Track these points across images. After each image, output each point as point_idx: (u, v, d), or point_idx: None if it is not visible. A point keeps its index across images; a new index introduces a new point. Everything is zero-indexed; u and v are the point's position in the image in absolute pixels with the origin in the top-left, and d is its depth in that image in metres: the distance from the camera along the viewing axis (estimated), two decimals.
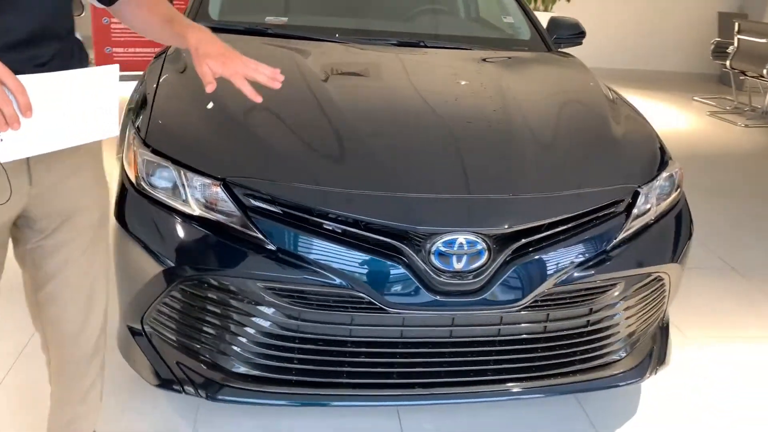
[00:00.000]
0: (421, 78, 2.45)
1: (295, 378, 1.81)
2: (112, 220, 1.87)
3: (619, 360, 2.03)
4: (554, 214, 1.81)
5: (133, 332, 1.92)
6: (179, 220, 1.79)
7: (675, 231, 2.11)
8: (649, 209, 2.03)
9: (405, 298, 1.73)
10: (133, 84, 2.40)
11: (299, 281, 1.71)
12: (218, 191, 1.76)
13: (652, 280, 2.01)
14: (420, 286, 1.72)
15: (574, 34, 3.15)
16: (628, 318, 2.00)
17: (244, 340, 1.79)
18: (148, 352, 1.90)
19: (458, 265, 1.73)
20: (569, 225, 1.84)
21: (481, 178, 1.86)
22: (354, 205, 1.72)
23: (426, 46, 2.77)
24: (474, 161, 1.92)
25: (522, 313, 1.82)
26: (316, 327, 1.77)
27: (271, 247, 1.72)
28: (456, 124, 2.10)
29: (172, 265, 1.76)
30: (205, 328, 1.82)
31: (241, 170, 1.79)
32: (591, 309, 1.91)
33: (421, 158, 1.91)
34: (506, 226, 1.76)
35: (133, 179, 1.88)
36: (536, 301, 1.81)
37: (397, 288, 1.72)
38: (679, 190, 2.19)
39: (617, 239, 1.91)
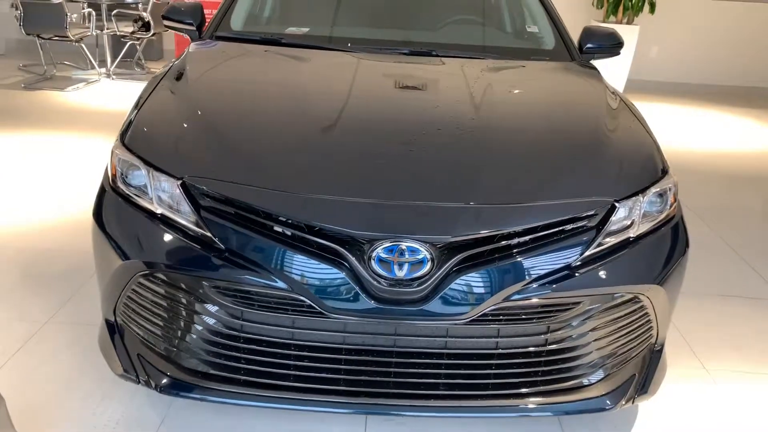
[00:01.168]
0: (405, 85, 2.43)
1: (243, 378, 1.83)
2: (90, 217, 1.99)
3: (589, 384, 1.91)
4: (504, 225, 1.74)
5: (108, 324, 2.02)
6: (143, 217, 1.87)
7: (661, 250, 1.97)
8: (629, 225, 1.90)
9: (344, 303, 1.71)
10: None
11: (242, 281, 1.74)
12: (176, 190, 1.82)
13: (627, 301, 1.88)
14: (360, 292, 1.70)
15: (611, 44, 3.00)
16: (598, 340, 1.88)
17: (193, 336, 1.84)
18: (116, 343, 1.98)
19: (400, 273, 1.70)
20: (524, 238, 1.76)
21: (429, 186, 1.81)
22: (295, 208, 1.73)
23: (436, 56, 2.75)
24: (428, 168, 1.88)
25: (469, 326, 1.75)
26: (259, 328, 1.79)
27: (219, 246, 1.76)
28: (422, 131, 2.06)
29: (130, 259, 1.84)
30: (160, 323, 1.88)
31: (199, 170, 1.85)
32: (548, 327, 1.81)
33: (374, 163, 1.89)
34: (449, 236, 1.70)
35: (110, 178, 1.99)
36: (485, 315, 1.74)
37: (337, 293, 1.71)
38: (672, 207, 2.04)
39: (583, 255, 1.81)
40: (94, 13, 6.84)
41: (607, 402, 1.91)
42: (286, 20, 3.20)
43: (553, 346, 1.83)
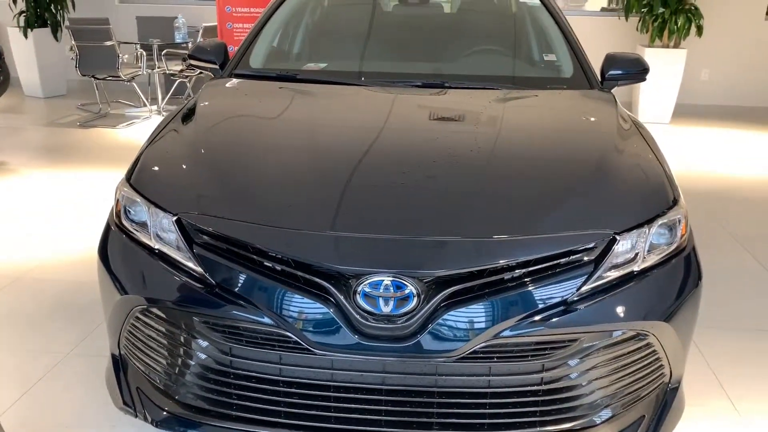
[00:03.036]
0: (404, 118, 2.43)
1: (235, 414, 1.83)
2: (94, 244, 2.06)
3: (592, 426, 1.82)
4: (492, 260, 1.70)
5: (113, 358, 2.06)
6: (142, 253, 1.92)
7: (668, 285, 1.88)
8: (633, 258, 1.83)
9: (330, 339, 1.70)
10: None
11: (230, 317, 1.75)
12: (171, 226, 1.86)
13: (630, 339, 1.79)
14: (345, 328, 1.68)
15: (635, 71, 2.92)
16: (600, 379, 1.80)
17: (187, 371, 1.86)
18: (119, 376, 2.02)
19: (386, 309, 1.67)
20: (515, 272, 1.71)
21: (417, 220, 1.79)
22: (280, 242, 1.74)
23: (447, 87, 2.74)
24: (417, 202, 1.86)
25: (459, 364, 1.71)
26: (248, 364, 1.79)
27: (209, 281, 1.78)
28: (418, 164, 2.04)
29: (128, 294, 1.88)
30: (157, 357, 1.91)
31: (193, 207, 1.88)
32: (543, 366, 1.74)
33: (360, 197, 1.89)
34: (435, 271, 1.67)
35: (114, 214, 2.05)
36: (475, 353, 1.69)
37: (323, 329, 1.70)
38: (683, 238, 1.95)
39: (580, 290, 1.74)
40: (145, 53, 7.14)
41: None
42: (304, 57, 3.26)
43: (551, 386, 1.76)
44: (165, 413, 1.88)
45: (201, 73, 7.36)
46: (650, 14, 7.23)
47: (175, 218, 1.85)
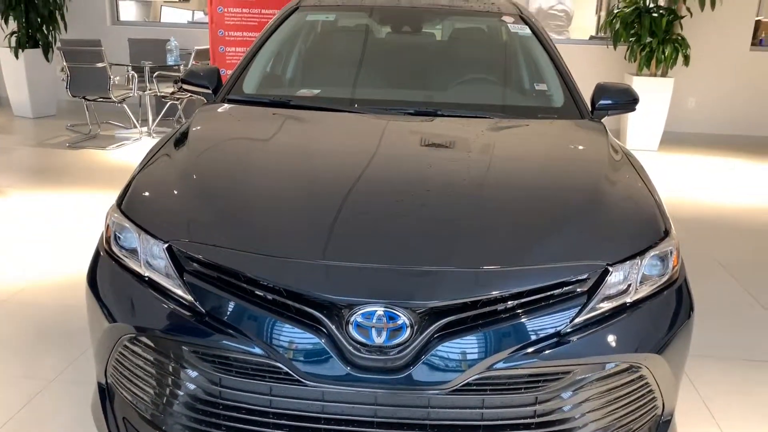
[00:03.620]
0: (397, 146, 2.43)
1: None
2: (82, 278, 2.03)
3: None
4: (486, 291, 1.69)
5: (99, 387, 2.03)
6: (131, 280, 1.90)
7: (660, 317, 1.88)
8: (625, 290, 1.83)
9: (321, 370, 1.68)
10: None
11: (220, 346, 1.73)
12: (162, 253, 1.84)
13: (624, 371, 1.79)
14: (337, 359, 1.66)
15: (625, 101, 2.95)
16: (593, 411, 1.78)
17: (176, 402, 1.83)
18: (105, 405, 1.98)
19: (378, 339, 1.66)
20: (509, 303, 1.71)
21: (410, 249, 1.78)
22: (272, 271, 1.73)
23: (440, 115, 2.75)
24: (411, 231, 1.85)
25: (452, 396, 1.69)
26: (238, 395, 1.76)
27: (200, 310, 1.76)
28: (411, 192, 2.04)
29: (116, 322, 1.85)
30: (145, 387, 1.87)
31: (184, 234, 1.87)
32: (537, 398, 1.73)
33: (354, 226, 1.88)
34: (428, 301, 1.66)
35: (104, 240, 2.03)
36: (468, 385, 1.68)
37: (314, 360, 1.68)
38: (674, 269, 1.95)
39: (573, 322, 1.74)
40: (136, 75, 7.15)
41: None
42: (297, 83, 3.27)
43: (544, 418, 1.74)
44: None
45: (192, 95, 7.38)
46: (638, 44, 7.34)
47: (165, 245, 1.83)
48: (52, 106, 8.42)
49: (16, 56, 7.87)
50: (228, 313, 1.74)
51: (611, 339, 1.77)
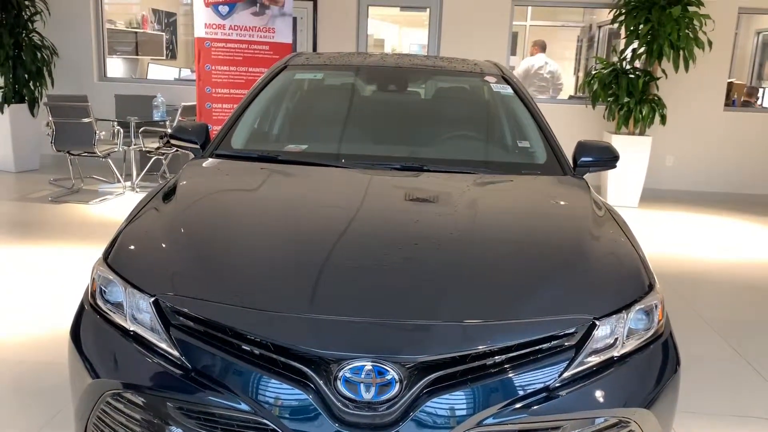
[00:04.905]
0: (383, 200, 2.46)
1: None
2: (61, 324, 1.99)
3: None
4: (476, 345, 1.69)
5: None
6: (116, 335, 1.87)
7: (648, 371, 1.88)
8: (613, 344, 1.84)
9: (309, 427, 1.65)
10: None
11: (205, 402, 1.70)
12: (148, 307, 1.82)
13: (613, 426, 1.78)
14: (325, 416, 1.64)
15: (606, 158, 3.01)
16: None
17: None
18: None
19: (367, 395, 1.64)
20: (498, 358, 1.70)
21: (398, 303, 1.78)
22: (258, 325, 1.72)
23: (425, 170, 2.78)
24: (399, 285, 1.86)
25: None
26: None
27: (186, 365, 1.74)
28: (398, 247, 2.06)
29: (99, 378, 1.82)
30: None
31: (171, 288, 1.85)
32: None
33: (341, 280, 1.88)
34: (417, 356, 1.66)
35: (89, 294, 2.01)
36: None
37: (302, 416, 1.65)
38: (660, 323, 1.97)
39: (562, 376, 1.74)
40: (122, 130, 7.18)
41: None
42: (284, 139, 3.31)
43: None
44: None
45: (177, 150, 7.42)
46: (616, 103, 7.55)
47: (152, 299, 1.82)
48: (35, 161, 8.41)
49: (2, 111, 7.90)
50: (214, 368, 1.72)
51: (600, 393, 1.77)
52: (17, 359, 3.23)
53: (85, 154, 6.98)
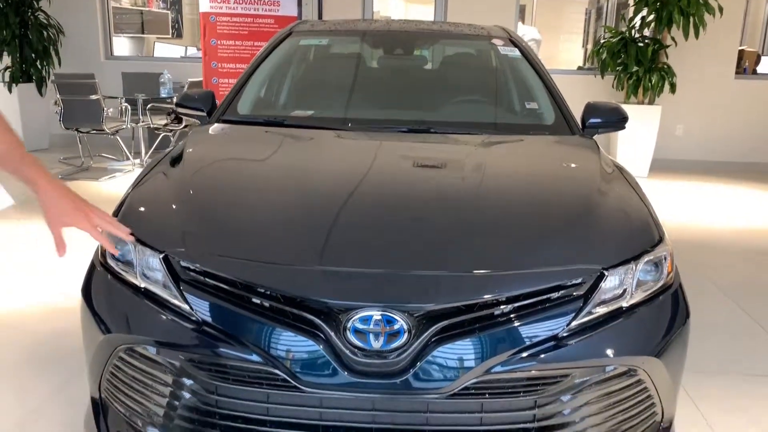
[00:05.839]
0: (391, 159, 2.46)
1: None
2: (72, 294, 2.01)
3: None
4: (483, 294, 1.69)
5: (93, 402, 2.00)
6: (127, 292, 1.89)
7: (657, 321, 1.88)
8: (621, 294, 1.83)
9: (319, 376, 1.66)
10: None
11: (216, 354, 1.71)
12: (158, 264, 1.83)
13: (622, 374, 1.78)
14: (334, 365, 1.65)
15: (615, 119, 2.99)
16: (592, 416, 1.77)
17: (172, 412, 1.80)
18: (98, 420, 1.95)
19: (376, 344, 1.65)
20: (506, 307, 1.71)
21: (407, 255, 1.79)
22: (268, 277, 1.73)
23: (433, 132, 2.78)
24: (407, 237, 1.86)
25: (450, 401, 1.68)
26: (234, 403, 1.74)
27: (196, 318, 1.75)
28: (406, 202, 2.06)
29: (112, 333, 1.84)
30: (140, 399, 1.85)
31: (180, 244, 1.87)
32: (536, 402, 1.72)
33: (349, 232, 1.89)
34: (426, 305, 1.66)
35: (99, 254, 2.03)
36: (467, 389, 1.67)
37: (312, 365, 1.67)
38: (669, 276, 1.96)
39: (570, 325, 1.74)
40: (129, 107, 7.19)
41: None
42: (291, 105, 3.31)
43: (543, 423, 1.73)
44: None
45: (186, 126, 7.44)
46: (625, 72, 7.47)
47: (162, 256, 1.83)
48: (44, 140, 8.44)
49: (9, 91, 7.92)
50: (225, 321, 1.73)
51: (608, 342, 1.77)
52: (32, 328, 3.28)
53: (94, 131, 7.00)
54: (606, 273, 1.80)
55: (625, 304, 1.83)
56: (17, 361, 2.94)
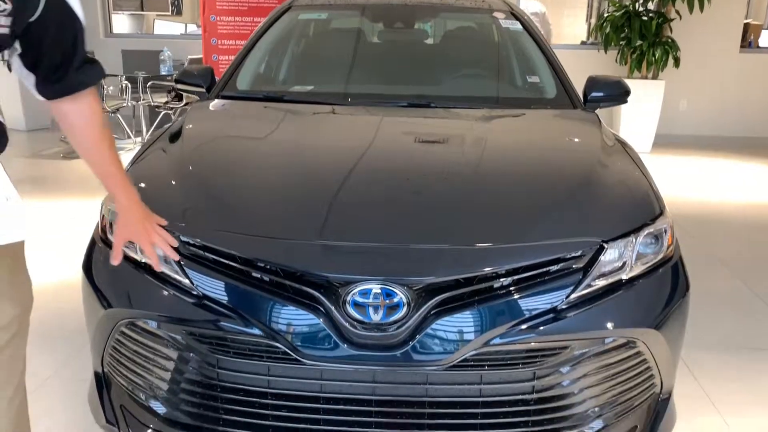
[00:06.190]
0: (392, 134, 2.45)
1: (222, 428, 1.79)
2: (78, 271, 2.02)
3: None
4: (481, 267, 1.69)
5: (96, 376, 2.02)
6: (127, 266, 1.89)
7: (657, 293, 1.88)
8: (621, 267, 1.83)
9: (319, 349, 1.67)
10: None
11: (217, 328, 1.72)
12: None
13: (621, 346, 1.79)
14: (335, 337, 1.66)
15: (617, 93, 2.97)
16: (591, 387, 1.79)
17: (173, 385, 1.82)
18: (102, 394, 1.97)
19: (375, 317, 1.66)
20: (505, 280, 1.71)
21: (406, 228, 1.79)
22: (268, 251, 1.73)
23: (433, 107, 2.77)
24: (407, 211, 1.86)
25: (450, 373, 1.69)
26: (235, 376, 1.75)
27: (196, 293, 1.76)
28: (405, 176, 2.05)
29: (113, 308, 1.85)
30: (142, 373, 1.87)
31: (180, 218, 1.87)
32: (535, 374, 1.73)
33: (349, 206, 1.89)
34: (424, 278, 1.67)
35: (100, 229, 2.03)
36: (466, 361, 1.68)
37: (312, 338, 1.68)
38: (669, 248, 1.96)
39: (569, 298, 1.74)
40: (130, 85, 7.16)
41: None
42: (290, 80, 3.29)
43: (542, 394, 1.74)
44: (150, 430, 1.83)
45: (187, 104, 7.41)
46: (628, 46, 7.40)
47: None
48: (45, 119, 8.41)
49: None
50: (226, 295, 1.74)
51: (607, 314, 1.78)
52: (36, 305, 3.29)
53: None
54: (606, 246, 1.80)
55: (624, 276, 1.83)
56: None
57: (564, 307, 1.74)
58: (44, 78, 1.37)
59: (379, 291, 1.65)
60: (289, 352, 1.68)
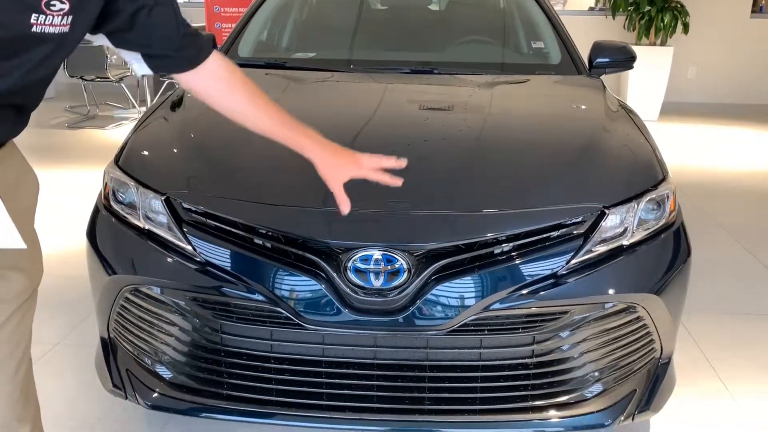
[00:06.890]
0: (394, 101, 2.43)
1: (226, 392, 1.82)
2: (84, 239, 2.04)
3: (583, 400, 1.82)
4: (481, 233, 1.70)
5: (102, 341, 2.05)
6: (130, 233, 1.91)
7: (657, 259, 1.88)
8: (622, 233, 1.84)
9: (321, 314, 1.69)
10: None
11: (220, 293, 1.74)
12: (160, 206, 1.85)
13: (621, 311, 1.80)
14: (336, 303, 1.68)
15: (622, 58, 2.94)
16: (591, 352, 1.80)
17: (177, 351, 1.85)
18: (108, 359, 2.00)
19: (376, 283, 1.67)
20: (506, 246, 1.72)
21: (408, 195, 1.78)
22: (270, 218, 1.74)
23: (437, 73, 2.75)
24: (408, 177, 1.84)
25: (450, 337, 1.71)
26: (239, 341, 1.78)
27: (199, 259, 1.77)
28: (407, 142, 2.05)
29: (117, 274, 1.87)
30: (147, 338, 1.89)
31: (182, 186, 1.88)
32: (534, 338, 1.74)
33: None
34: (424, 244, 1.67)
35: (103, 197, 2.04)
36: (466, 326, 1.69)
37: (314, 304, 1.70)
38: (671, 214, 1.96)
39: (569, 263, 1.75)
40: None
41: (605, 418, 1.82)
42: (293, 47, 3.26)
43: (542, 358, 1.76)
44: (155, 394, 1.86)
45: None
46: (637, 12, 7.29)
47: (164, 197, 1.84)
48: (50, 89, 8.38)
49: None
50: (228, 261, 1.75)
51: (608, 280, 1.78)
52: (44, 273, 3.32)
53: (98, 79, 6.95)
54: (607, 211, 1.80)
55: (625, 242, 1.83)
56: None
57: (564, 272, 1.74)
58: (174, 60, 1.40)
59: (380, 257, 1.66)
60: (291, 317, 1.70)
